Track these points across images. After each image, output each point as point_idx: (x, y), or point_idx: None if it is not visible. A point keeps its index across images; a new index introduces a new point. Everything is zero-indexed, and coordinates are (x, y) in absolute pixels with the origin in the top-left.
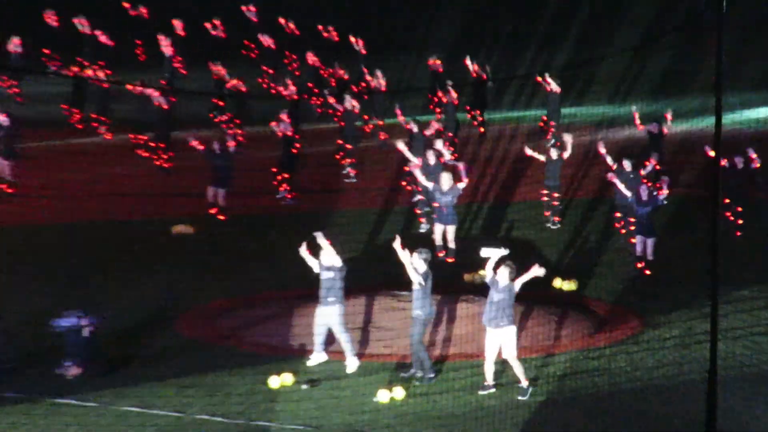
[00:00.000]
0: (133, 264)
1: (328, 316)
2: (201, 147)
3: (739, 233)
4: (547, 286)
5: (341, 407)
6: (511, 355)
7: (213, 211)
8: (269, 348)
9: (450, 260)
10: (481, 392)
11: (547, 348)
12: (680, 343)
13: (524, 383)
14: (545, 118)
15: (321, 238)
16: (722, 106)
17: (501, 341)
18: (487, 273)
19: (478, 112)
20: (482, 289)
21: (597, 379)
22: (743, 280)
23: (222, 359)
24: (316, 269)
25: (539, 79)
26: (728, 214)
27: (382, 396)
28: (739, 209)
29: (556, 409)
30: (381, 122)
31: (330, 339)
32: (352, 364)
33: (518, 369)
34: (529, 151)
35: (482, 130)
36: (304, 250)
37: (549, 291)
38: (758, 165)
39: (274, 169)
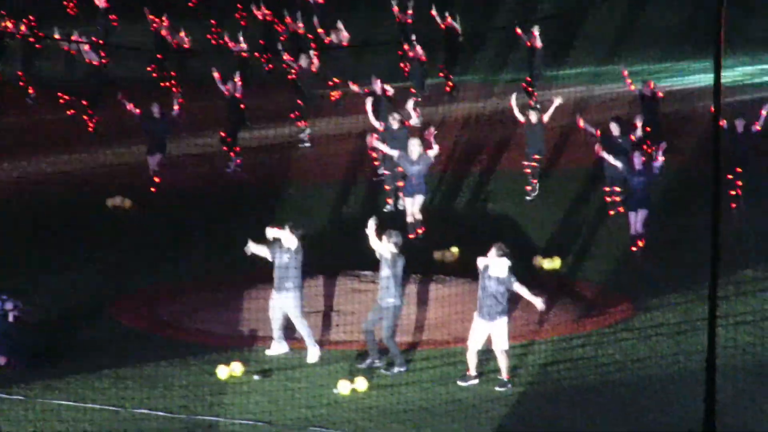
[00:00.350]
0: (63, 243)
1: (284, 303)
2: (137, 111)
3: (734, 205)
4: (528, 264)
5: (297, 400)
6: (500, 348)
7: (158, 180)
8: (216, 336)
9: (420, 230)
10: (461, 383)
11: (527, 334)
12: (676, 329)
13: (506, 377)
14: (528, 78)
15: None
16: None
17: (491, 332)
18: (479, 259)
19: (446, 68)
20: (453, 269)
21: (583, 369)
22: (747, 259)
23: (163, 348)
24: (269, 257)
25: (519, 31)
26: (732, 192)
27: (343, 388)
28: (739, 183)
29: (537, 402)
30: (338, 80)
31: (289, 326)
32: (313, 353)
33: (504, 363)
34: (513, 103)
35: (450, 86)
36: (250, 246)
37: (529, 271)
38: (759, 127)
39: (223, 134)
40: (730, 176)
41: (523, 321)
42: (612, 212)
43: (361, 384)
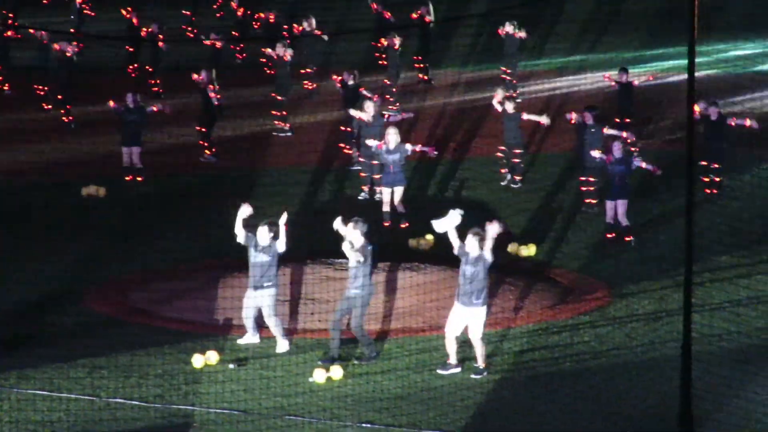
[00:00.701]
0: (38, 230)
1: (259, 298)
2: (112, 104)
3: (708, 191)
4: (503, 251)
5: (272, 389)
6: (476, 336)
7: (129, 178)
8: (191, 324)
9: (404, 226)
10: (441, 371)
11: (503, 321)
12: (652, 316)
13: (482, 365)
14: (504, 68)
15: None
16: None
17: (469, 320)
18: (454, 243)
19: (420, 58)
20: (428, 257)
21: (559, 356)
22: (723, 245)
23: (138, 337)
24: (242, 241)
25: (501, 31)
26: (706, 179)
27: (318, 376)
28: (716, 165)
29: (513, 389)
30: (309, 70)
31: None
32: (282, 345)
33: (480, 350)
34: (499, 96)
35: (425, 77)
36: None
37: (505, 257)
38: (734, 125)
39: (199, 128)
40: (704, 162)
41: (500, 308)
42: (587, 200)
43: (337, 372)
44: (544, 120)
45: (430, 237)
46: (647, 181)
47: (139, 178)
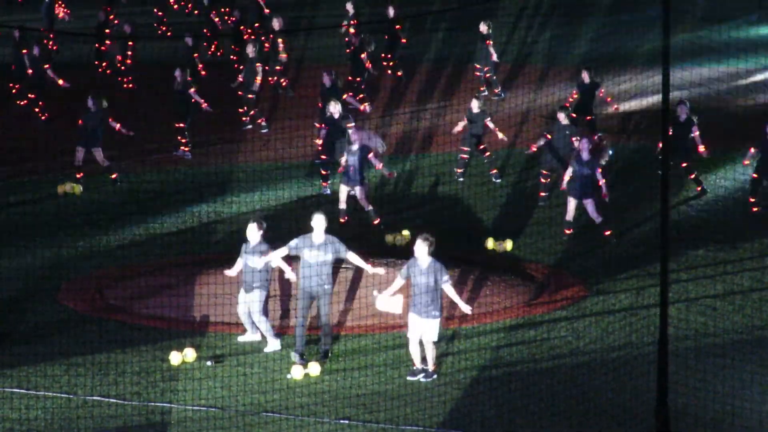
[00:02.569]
0: (11, 227)
1: (249, 300)
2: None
3: (698, 189)
4: (479, 247)
5: (250, 386)
6: (429, 340)
7: (79, 175)
8: (168, 321)
9: (376, 222)
10: (410, 378)
11: (479, 317)
12: (628, 309)
13: (431, 367)
14: (477, 66)
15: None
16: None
17: (424, 328)
18: (397, 282)
19: (390, 55)
20: (406, 252)
21: (536, 351)
22: (699, 239)
23: (114, 334)
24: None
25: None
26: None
27: (296, 373)
28: (684, 164)
29: (490, 384)
30: (280, 67)
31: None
32: (272, 344)
33: (431, 353)
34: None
35: (398, 73)
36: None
37: (481, 253)
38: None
39: (178, 125)
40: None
41: (476, 304)
42: (542, 194)
43: (314, 369)
44: (500, 136)
45: (406, 233)
46: (621, 172)
47: (112, 176)
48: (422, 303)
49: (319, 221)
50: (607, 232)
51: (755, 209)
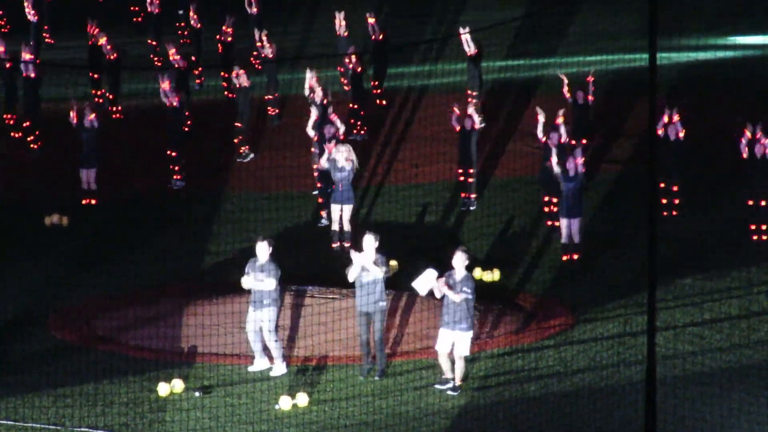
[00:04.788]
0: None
1: (260, 317)
2: (73, 115)
3: (675, 212)
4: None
5: (238, 416)
6: (460, 355)
7: (85, 201)
8: (156, 352)
9: (347, 244)
10: (438, 387)
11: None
12: (616, 339)
13: (458, 382)
14: (468, 89)
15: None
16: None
17: (454, 341)
18: (438, 292)
19: (376, 83)
20: (392, 282)
21: (524, 381)
22: (686, 267)
23: (103, 364)
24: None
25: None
26: (664, 200)
27: (284, 403)
28: (675, 188)
29: (478, 413)
30: (270, 96)
31: (229, 340)
32: (279, 368)
33: (460, 368)
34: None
35: (382, 102)
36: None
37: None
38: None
39: (170, 153)
40: (662, 184)
41: None
42: (549, 222)
43: (302, 399)
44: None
45: (394, 263)
46: (608, 199)
47: (92, 201)
48: (453, 316)
49: (369, 241)
50: (576, 255)
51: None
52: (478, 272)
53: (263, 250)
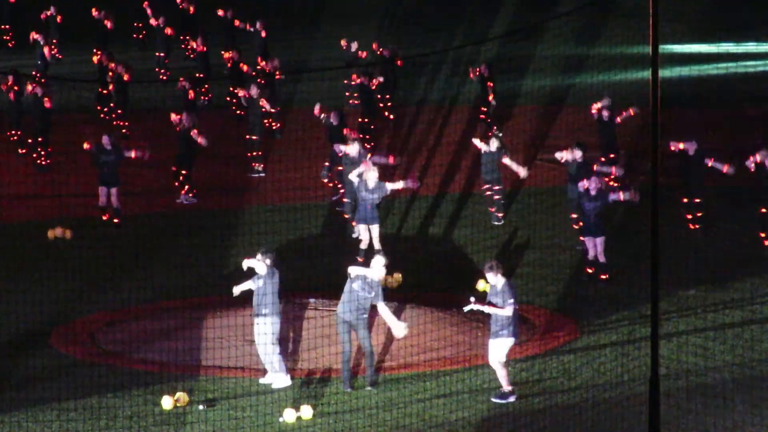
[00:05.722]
0: (3, 272)
1: (261, 332)
2: (87, 146)
3: (696, 226)
4: (471, 288)
5: (242, 429)
6: (494, 360)
7: (105, 216)
8: (159, 365)
9: (361, 260)
10: (494, 400)
11: (471, 359)
12: (620, 350)
13: (506, 388)
14: (483, 108)
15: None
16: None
17: (491, 348)
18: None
19: (388, 96)
20: (396, 294)
21: (528, 392)
22: (690, 278)
23: (107, 378)
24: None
25: (472, 75)
26: (689, 215)
27: (288, 416)
28: (697, 200)
29: (482, 425)
30: (274, 110)
31: (233, 353)
32: (282, 380)
33: (501, 375)
34: (475, 141)
35: (391, 116)
36: (236, 289)
37: (473, 294)
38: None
39: (174, 168)
40: (685, 199)
41: (467, 345)
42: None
43: (307, 412)
44: (522, 172)
45: (398, 275)
46: (609, 214)
47: (115, 220)
48: (493, 324)
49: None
50: (604, 276)
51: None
52: (481, 284)
53: (261, 264)
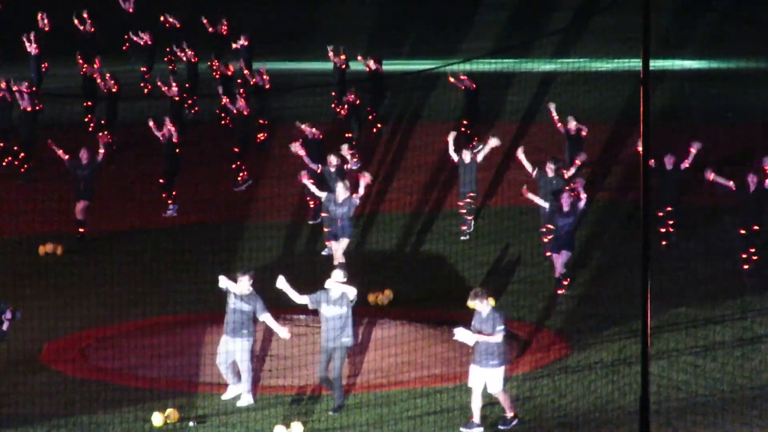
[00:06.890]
0: None
1: (234, 347)
2: (65, 157)
3: (664, 242)
4: (461, 306)
5: None
6: (496, 391)
7: (83, 230)
8: (150, 381)
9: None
10: (464, 429)
11: (462, 376)
12: (610, 367)
13: (509, 414)
14: (465, 121)
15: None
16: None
17: (486, 379)
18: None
19: (371, 111)
20: (387, 312)
21: (518, 410)
22: (680, 296)
23: (97, 394)
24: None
25: (451, 79)
26: (662, 229)
27: None
28: (670, 221)
29: None
30: (262, 121)
31: (223, 369)
32: (245, 399)
33: (505, 402)
34: (450, 141)
35: (375, 130)
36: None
37: (463, 312)
38: (688, 164)
39: (162, 181)
40: (660, 213)
41: (457, 362)
42: (548, 253)
43: (297, 428)
44: (493, 142)
45: (388, 292)
46: (601, 229)
47: (81, 230)
48: (481, 352)
49: (337, 276)
50: (560, 291)
51: (745, 266)
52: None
53: (244, 284)
